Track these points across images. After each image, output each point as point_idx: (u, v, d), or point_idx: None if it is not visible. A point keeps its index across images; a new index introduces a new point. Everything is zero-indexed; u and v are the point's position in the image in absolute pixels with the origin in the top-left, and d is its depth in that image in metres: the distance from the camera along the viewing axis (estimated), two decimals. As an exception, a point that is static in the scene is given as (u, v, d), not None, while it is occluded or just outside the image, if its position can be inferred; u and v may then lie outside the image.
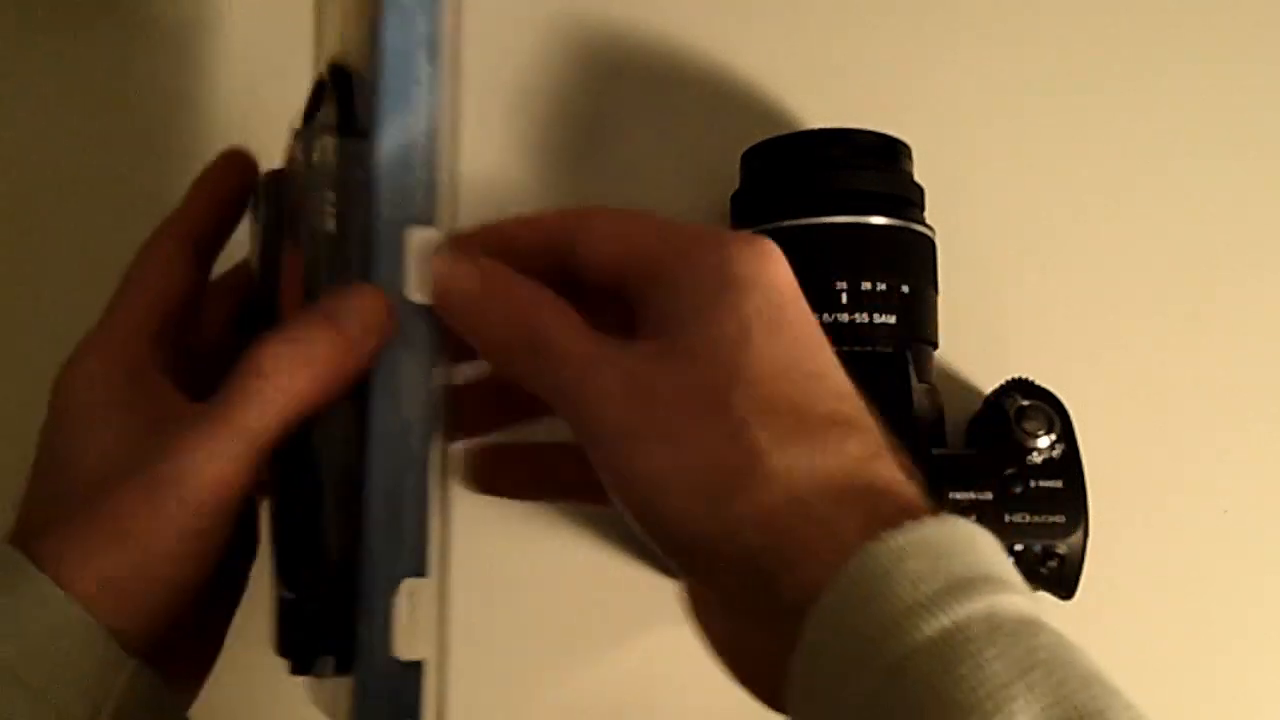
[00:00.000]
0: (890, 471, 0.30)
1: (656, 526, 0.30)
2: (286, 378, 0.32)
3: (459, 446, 0.37)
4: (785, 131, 0.50)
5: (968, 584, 0.26)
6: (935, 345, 0.49)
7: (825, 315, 0.46)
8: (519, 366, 0.32)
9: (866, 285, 0.46)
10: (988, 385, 0.50)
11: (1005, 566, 0.28)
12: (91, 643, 0.30)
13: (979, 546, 0.28)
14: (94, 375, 0.35)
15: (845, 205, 0.47)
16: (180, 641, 0.34)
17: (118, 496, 0.31)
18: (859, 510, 0.28)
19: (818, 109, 0.55)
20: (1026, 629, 0.26)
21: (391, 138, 0.33)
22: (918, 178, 0.50)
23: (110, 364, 0.35)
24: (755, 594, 0.29)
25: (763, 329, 0.30)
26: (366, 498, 0.32)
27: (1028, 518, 0.45)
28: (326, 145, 0.35)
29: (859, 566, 0.27)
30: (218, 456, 0.31)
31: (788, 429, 0.29)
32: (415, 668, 0.34)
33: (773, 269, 0.32)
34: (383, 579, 0.32)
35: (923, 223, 0.49)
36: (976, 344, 0.53)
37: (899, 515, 0.28)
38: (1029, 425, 0.46)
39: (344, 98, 0.36)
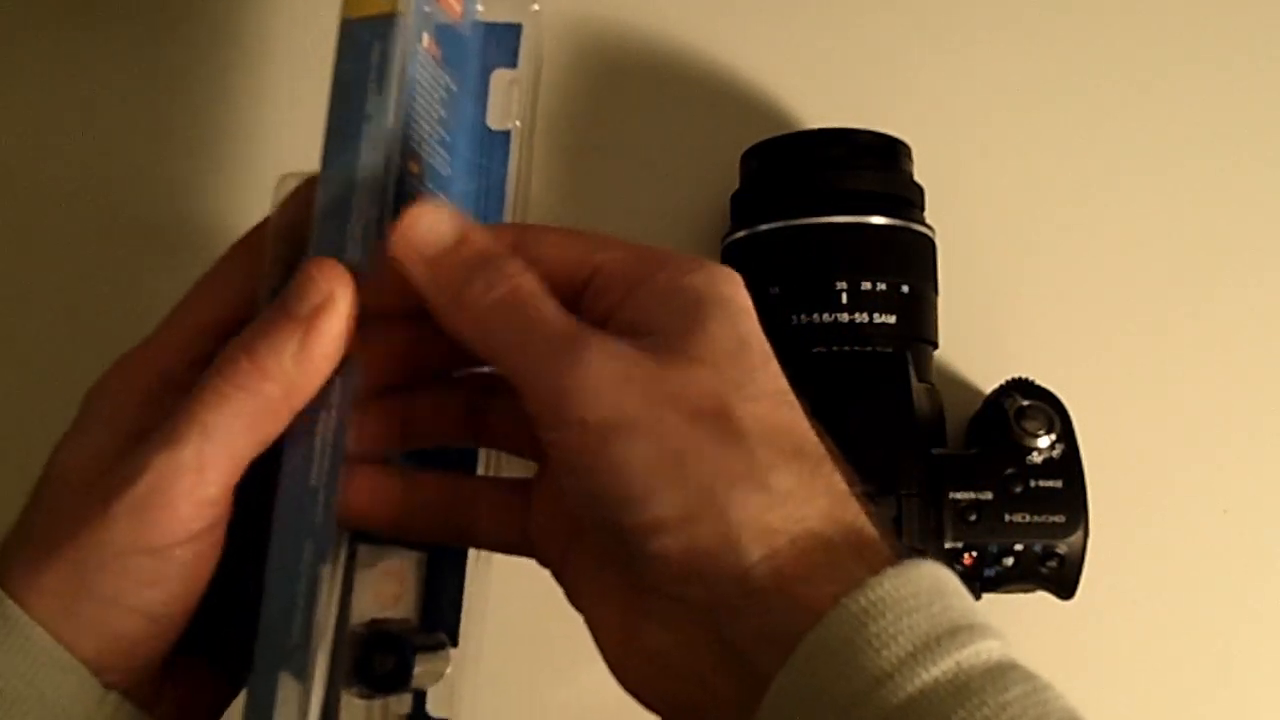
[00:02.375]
0: (865, 511, 0.29)
1: (636, 524, 0.28)
2: (257, 380, 0.29)
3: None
4: (785, 131, 0.50)
5: (933, 642, 0.26)
6: (935, 345, 0.49)
7: (825, 315, 0.46)
8: (493, 336, 0.29)
9: (866, 285, 0.46)
10: (988, 385, 0.50)
11: (970, 608, 0.27)
12: (63, 673, 0.29)
13: (944, 592, 0.27)
14: (116, 388, 0.32)
15: (845, 205, 0.47)
16: (176, 678, 0.32)
17: (74, 513, 0.29)
18: (849, 545, 0.28)
19: (818, 109, 0.55)
20: (995, 683, 0.25)
21: (332, 178, 0.31)
22: (918, 178, 0.50)
23: (135, 379, 0.32)
24: (729, 614, 0.27)
25: (756, 351, 0.30)
26: (266, 568, 0.30)
27: (1028, 518, 0.45)
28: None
29: (825, 630, 0.26)
30: (185, 469, 0.29)
31: (788, 453, 0.28)
32: None
33: (747, 297, 0.31)
34: (264, 670, 0.29)
35: (923, 223, 0.49)
36: (976, 344, 0.53)
37: (875, 559, 0.27)
38: (1029, 425, 0.46)
39: None
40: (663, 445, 0.27)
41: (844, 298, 0.46)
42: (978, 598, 0.45)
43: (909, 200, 0.49)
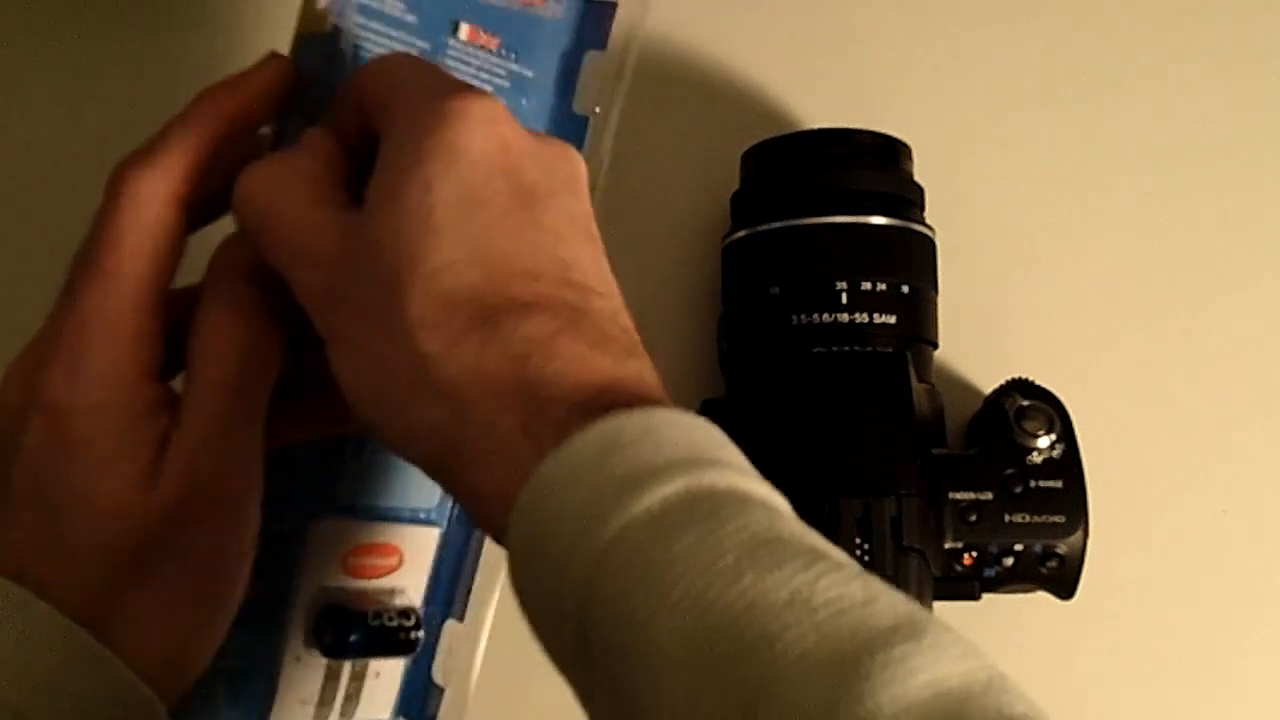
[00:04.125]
0: (573, 347, 0.27)
1: (361, 427, 0.30)
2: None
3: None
4: (785, 131, 0.50)
5: (599, 512, 0.24)
6: (935, 345, 0.49)
7: (825, 315, 0.46)
8: (262, 247, 0.30)
9: (866, 285, 0.46)
10: (988, 385, 0.50)
11: (640, 456, 0.25)
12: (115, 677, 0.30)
13: (612, 450, 0.25)
14: (96, 405, 0.30)
15: (845, 205, 0.47)
16: None
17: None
18: (520, 422, 0.26)
19: (818, 109, 0.55)
20: (666, 537, 0.24)
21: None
22: (918, 178, 0.50)
23: (107, 392, 0.31)
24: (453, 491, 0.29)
25: (454, 209, 0.28)
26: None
27: (1028, 518, 0.45)
28: None
29: (515, 527, 0.26)
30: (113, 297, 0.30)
31: (461, 326, 0.27)
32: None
33: (484, 137, 0.28)
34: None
35: (923, 223, 0.49)
36: (976, 344, 0.53)
37: (551, 430, 0.26)
38: (1029, 425, 0.46)
39: None
40: (352, 358, 0.29)
41: (844, 298, 0.46)
42: (977, 598, 0.45)
43: (909, 200, 0.49)
